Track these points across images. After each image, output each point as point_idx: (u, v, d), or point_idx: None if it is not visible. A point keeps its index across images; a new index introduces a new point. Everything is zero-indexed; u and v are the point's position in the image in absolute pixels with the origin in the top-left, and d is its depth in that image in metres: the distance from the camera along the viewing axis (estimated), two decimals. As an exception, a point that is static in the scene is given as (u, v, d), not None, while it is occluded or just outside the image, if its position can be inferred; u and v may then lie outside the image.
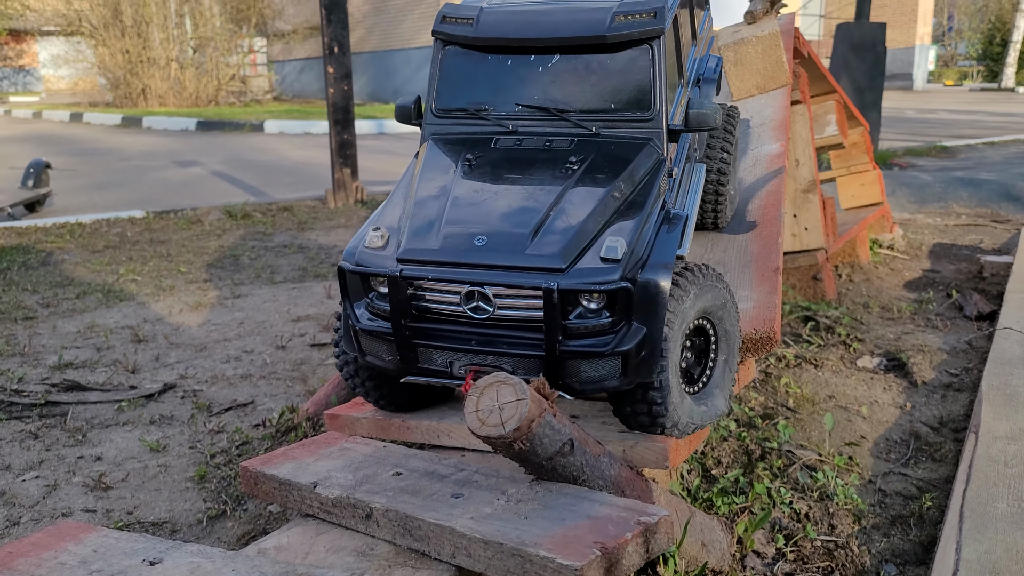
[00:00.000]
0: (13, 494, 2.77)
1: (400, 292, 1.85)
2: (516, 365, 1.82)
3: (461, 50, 2.21)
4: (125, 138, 16.38)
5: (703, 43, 2.81)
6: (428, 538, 1.63)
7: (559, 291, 1.73)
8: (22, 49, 34.81)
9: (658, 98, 2.05)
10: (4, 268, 5.95)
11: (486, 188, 1.97)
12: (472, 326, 1.85)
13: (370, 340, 1.96)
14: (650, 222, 1.90)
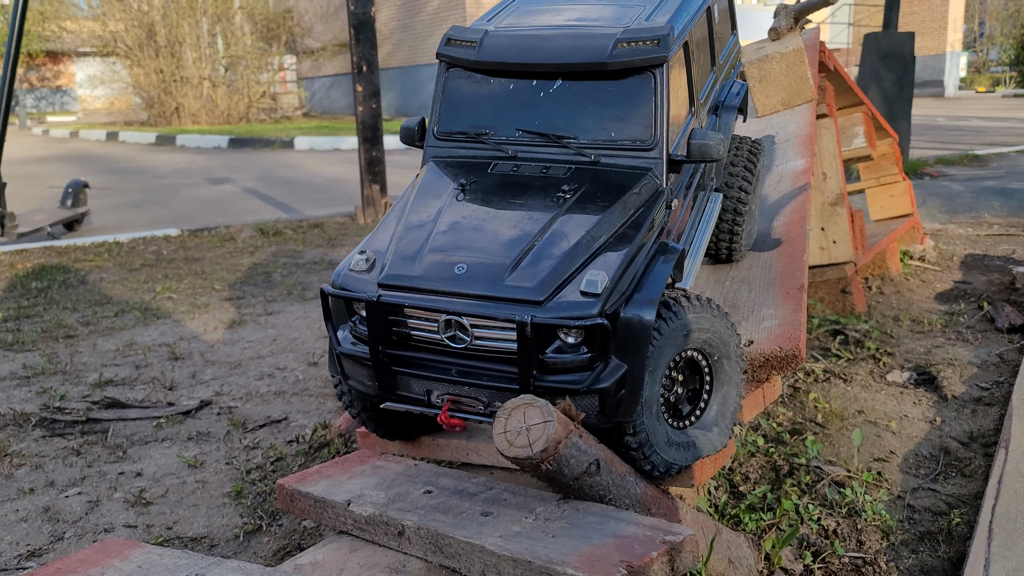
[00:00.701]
0: (57, 510, 2.86)
1: (378, 317, 1.83)
2: (492, 397, 1.80)
3: (464, 73, 2.21)
4: (159, 156, 16.71)
5: (726, 68, 2.77)
6: (459, 555, 1.68)
7: (533, 325, 1.70)
8: (59, 70, 35.66)
9: (659, 128, 2.01)
10: (45, 287, 6.12)
11: (475, 215, 1.96)
12: (450, 355, 1.84)
13: (351, 364, 1.96)
14: (640, 255, 1.87)
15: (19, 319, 5.28)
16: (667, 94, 2.03)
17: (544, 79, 2.11)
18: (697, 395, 2.00)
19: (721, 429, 2.04)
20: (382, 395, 1.93)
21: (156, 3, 23.18)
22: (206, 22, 23.76)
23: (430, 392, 1.87)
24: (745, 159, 2.76)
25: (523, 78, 2.13)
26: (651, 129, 2.02)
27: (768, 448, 3.09)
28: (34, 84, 35.37)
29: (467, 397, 1.83)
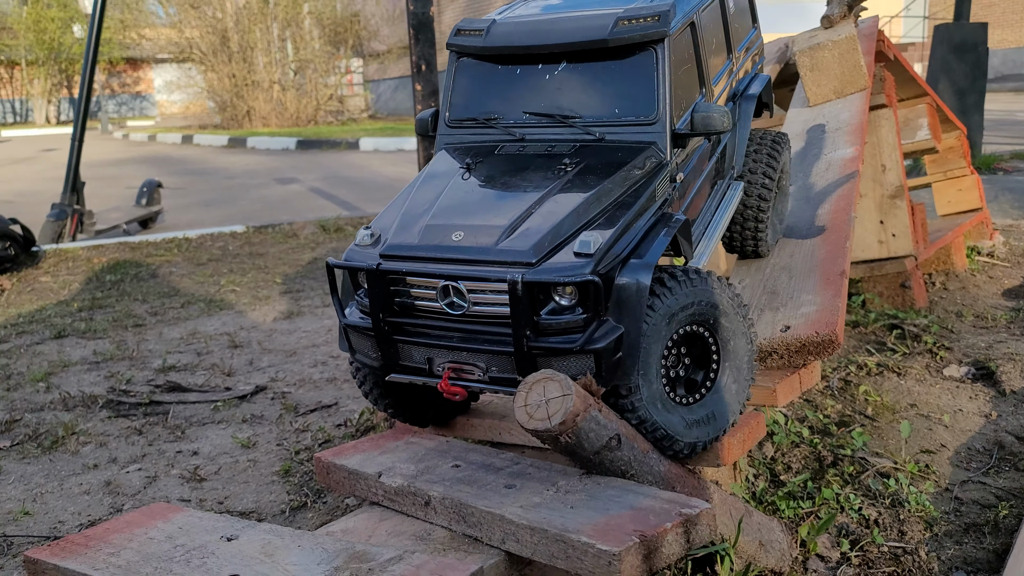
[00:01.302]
0: (118, 484, 3.02)
1: (378, 286, 1.86)
2: (489, 362, 1.81)
3: (474, 62, 2.26)
4: (231, 158, 17.25)
5: (745, 60, 2.73)
6: (480, 524, 1.72)
7: (524, 284, 1.71)
8: (139, 76, 37.11)
9: (661, 102, 2.02)
10: (118, 280, 6.40)
11: (476, 190, 2.00)
12: (449, 323, 1.85)
13: (357, 337, 1.99)
14: (639, 222, 1.87)
15: (92, 309, 5.54)
16: (669, 69, 2.04)
17: (549, 61, 2.15)
18: (705, 372, 1.98)
19: (731, 407, 2.01)
20: (386, 367, 1.95)
21: (229, 10, 23.93)
22: (276, 27, 24.41)
23: (431, 361, 1.89)
24: (768, 151, 2.72)
25: (528, 61, 2.17)
26: (654, 104, 2.04)
27: (813, 439, 3.05)
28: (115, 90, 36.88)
29: (467, 364, 1.84)
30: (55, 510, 2.83)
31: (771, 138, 2.78)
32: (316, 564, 1.56)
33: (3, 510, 2.83)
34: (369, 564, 1.53)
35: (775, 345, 2.41)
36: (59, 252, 7.61)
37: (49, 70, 33.16)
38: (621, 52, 2.08)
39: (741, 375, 2.02)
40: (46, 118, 33.80)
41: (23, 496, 2.93)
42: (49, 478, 3.07)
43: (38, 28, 31.75)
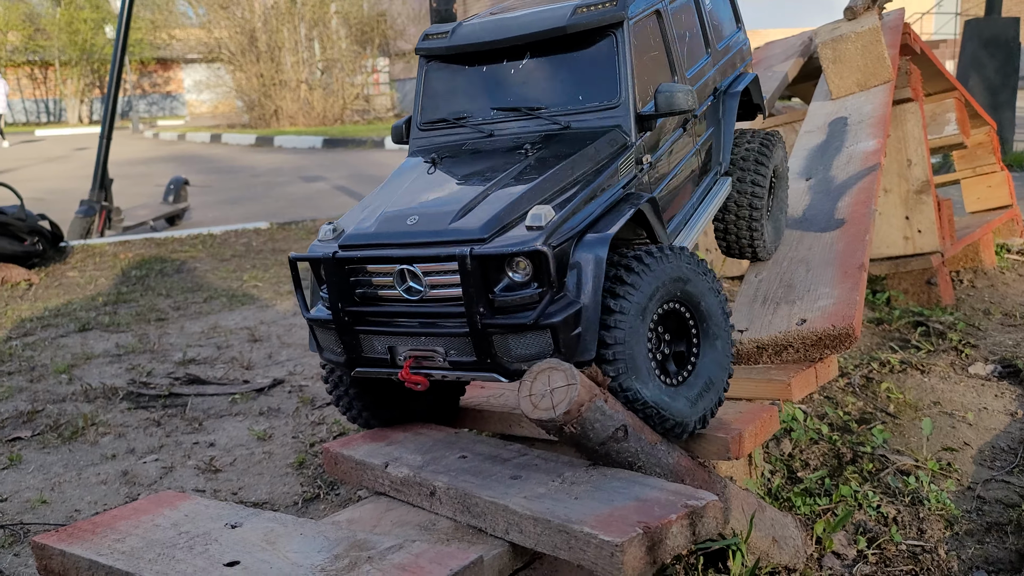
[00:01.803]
0: (135, 474, 3.04)
1: (336, 275, 1.85)
2: (448, 346, 1.78)
3: (441, 64, 2.29)
4: (257, 156, 17.40)
5: (727, 57, 2.70)
6: (484, 515, 1.71)
7: (473, 258, 1.68)
8: (169, 76, 37.59)
9: (623, 85, 2.02)
10: (143, 275, 6.48)
11: (437, 182, 2.00)
12: (408, 308, 1.82)
13: (322, 333, 1.98)
14: (598, 199, 1.85)
15: (117, 304, 5.61)
16: (629, 53, 2.04)
17: (513, 56, 2.16)
18: (687, 341, 1.94)
19: (717, 383, 1.97)
20: (350, 361, 1.92)
21: (258, 10, 24.15)
22: (304, 27, 24.59)
23: (393, 350, 1.85)
24: (757, 151, 2.67)
25: (493, 58, 2.19)
26: (616, 87, 2.04)
27: (832, 436, 3.00)
28: (146, 90, 37.39)
29: (426, 351, 1.81)
30: (72, 499, 2.85)
31: (760, 138, 2.73)
32: (316, 551, 1.55)
33: (21, 498, 2.86)
34: (368, 552, 1.52)
35: (791, 338, 2.37)
36: (86, 248, 7.72)
37: (81, 70, 33.70)
38: (581, 40, 2.09)
39: (721, 329, 1.98)
40: (79, 117, 34.36)
41: (41, 485, 2.97)
42: (68, 468, 3.10)
43: (71, 29, 32.29)
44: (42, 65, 34.64)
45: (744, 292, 2.70)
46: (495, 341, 1.73)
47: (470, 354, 1.77)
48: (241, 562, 1.53)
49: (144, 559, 1.59)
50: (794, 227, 2.96)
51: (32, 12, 33.64)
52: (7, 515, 2.74)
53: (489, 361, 1.75)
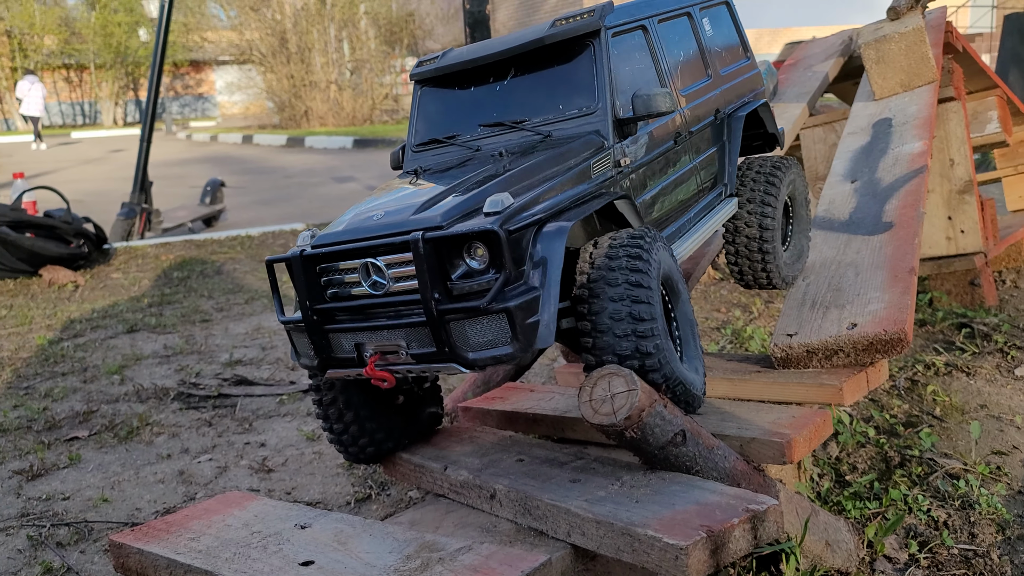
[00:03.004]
0: (190, 473, 3.12)
1: (305, 274, 1.86)
2: (409, 337, 1.77)
3: (434, 89, 2.38)
4: (289, 157, 17.59)
5: (731, 83, 2.72)
6: (545, 517, 1.74)
7: (425, 241, 1.68)
8: (201, 78, 38.07)
9: (601, 91, 2.07)
10: (185, 277, 6.60)
11: (412, 186, 2.05)
12: (374, 303, 1.82)
13: (297, 337, 1.99)
14: (566, 192, 1.88)
15: (162, 305, 5.73)
16: (607, 60, 2.09)
17: (498, 74, 2.24)
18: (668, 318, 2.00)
19: (697, 366, 2.03)
20: (322, 363, 1.91)
21: (288, 12, 24.38)
22: (333, 28, 24.79)
23: (360, 348, 1.85)
24: (765, 178, 2.66)
25: (480, 77, 2.27)
26: (594, 94, 2.09)
27: (879, 439, 3.00)
28: (179, 92, 37.90)
29: (391, 345, 1.80)
30: (132, 498, 2.94)
31: (771, 164, 2.72)
32: (388, 552, 1.60)
33: (83, 497, 2.95)
34: (439, 553, 1.57)
35: (841, 343, 2.38)
36: (129, 250, 7.87)
37: (116, 73, 34.24)
38: (561, 52, 2.15)
39: (685, 293, 2.05)
40: (113, 120, 34.91)
41: (102, 484, 3.05)
42: (125, 467, 3.19)
43: (105, 33, 32.81)
44: (78, 68, 35.24)
45: (792, 296, 2.71)
46: (452, 329, 1.72)
47: (430, 344, 1.76)
48: (316, 562, 1.59)
49: (221, 558, 1.65)
50: (841, 230, 2.97)
51: (68, 16, 34.24)
52: (71, 513, 2.83)
53: (447, 350, 1.72)
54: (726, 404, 2.32)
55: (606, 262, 1.81)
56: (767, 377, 2.44)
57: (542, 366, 4.01)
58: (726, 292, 5.16)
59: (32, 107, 23.18)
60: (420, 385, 2.29)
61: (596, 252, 1.85)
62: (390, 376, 1.82)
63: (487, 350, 1.71)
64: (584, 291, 1.81)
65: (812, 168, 4.67)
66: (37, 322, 5.35)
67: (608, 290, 1.78)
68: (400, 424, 2.25)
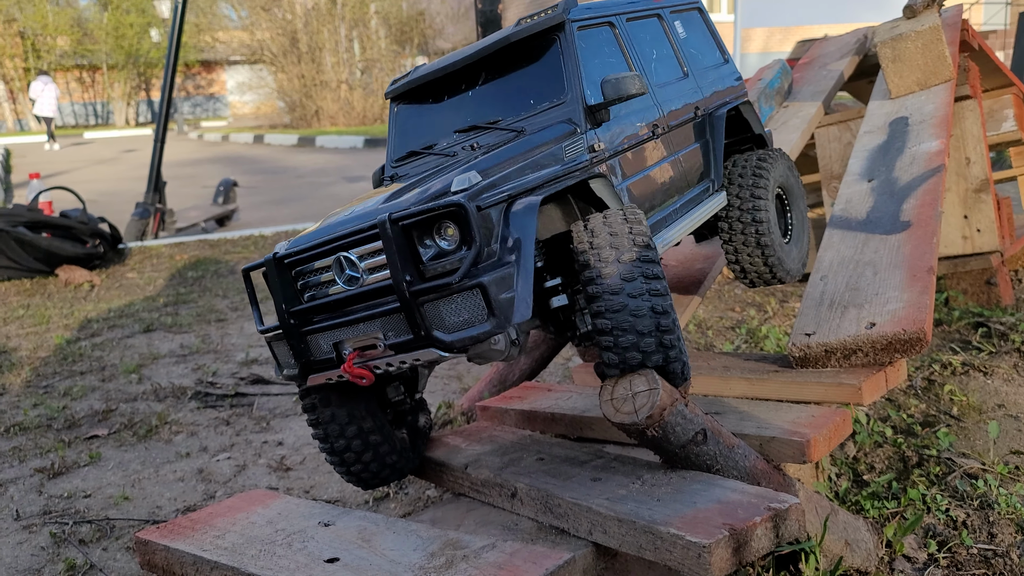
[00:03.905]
0: (209, 471, 3.14)
1: (280, 277, 1.85)
2: (385, 327, 1.74)
3: (409, 104, 2.41)
4: (300, 156, 17.65)
5: (711, 85, 2.74)
6: (567, 515, 1.75)
7: (391, 221, 1.66)
8: (212, 78, 38.22)
9: (569, 80, 2.09)
10: (199, 276, 6.64)
11: (386, 189, 2.06)
12: (350, 300, 1.80)
13: (278, 348, 1.95)
14: (535, 173, 1.87)
15: (177, 304, 5.76)
16: (574, 51, 2.11)
17: (469, 80, 2.27)
18: None
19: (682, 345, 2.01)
20: (303, 368, 1.87)
21: (299, 11, 24.45)
22: (344, 28, 24.85)
23: (339, 347, 1.81)
24: (752, 171, 2.66)
25: (451, 86, 2.30)
26: (563, 84, 2.11)
27: (897, 439, 3.00)
28: (190, 92, 38.06)
29: (368, 339, 1.76)
30: (152, 496, 2.96)
31: (756, 158, 2.72)
32: (412, 550, 1.61)
33: (105, 494, 2.98)
34: (463, 551, 1.58)
35: (860, 342, 2.38)
36: (144, 249, 7.92)
37: (128, 74, 34.41)
38: (529, 50, 2.18)
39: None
40: (126, 120, 35.10)
41: (122, 482, 3.08)
42: (145, 465, 3.22)
43: (117, 34, 32.98)
44: (90, 69, 35.44)
45: (809, 295, 2.71)
46: (427, 311, 1.69)
47: (406, 331, 1.73)
48: (341, 559, 1.60)
49: (247, 555, 1.66)
50: (858, 229, 2.96)
51: (80, 17, 34.44)
52: (92, 511, 2.86)
53: (423, 334, 1.69)
54: (744, 403, 2.33)
55: (615, 254, 1.77)
56: (785, 376, 2.44)
57: (557, 365, 4.02)
58: (740, 292, 5.16)
59: (45, 107, 23.34)
60: (412, 395, 2.23)
61: (596, 240, 1.80)
62: (368, 373, 1.78)
63: (464, 330, 1.67)
64: (596, 287, 1.76)
65: (827, 167, 4.66)
66: (55, 321, 5.39)
67: (626, 285, 1.75)
68: (402, 438, 2.20)
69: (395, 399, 2.10)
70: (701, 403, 2.35)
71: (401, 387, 2.10)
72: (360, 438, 2.09)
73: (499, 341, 1.80)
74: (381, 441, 2.12)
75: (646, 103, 2.35)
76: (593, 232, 1.83)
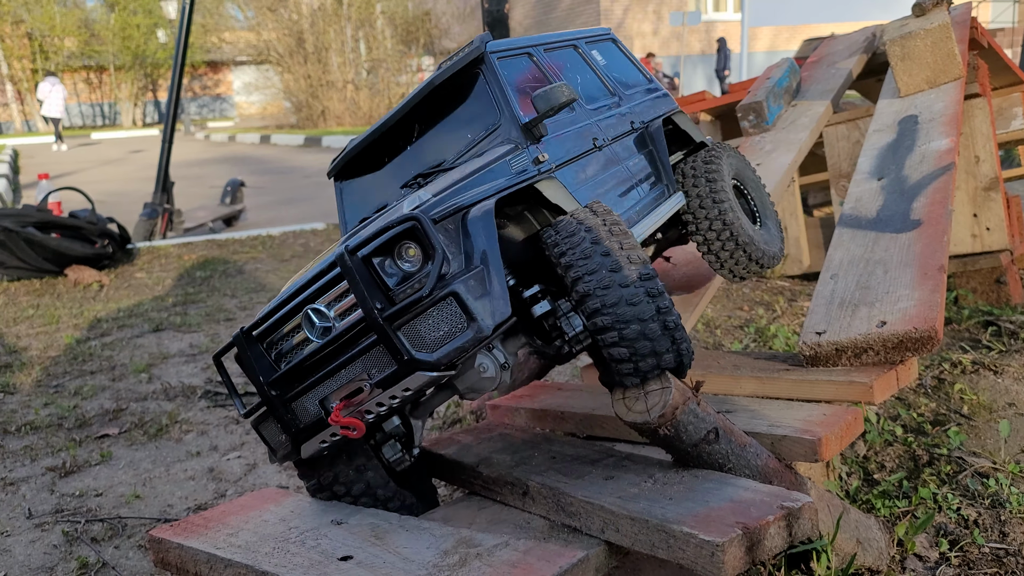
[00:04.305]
0: (220, 470, 3.15)
1: (249, 351, 1.81)
2: (367, 365, 1.69)
3: (352, 179, 2.43)
4: (307, 157, 17.68)
5: (641, 101, 2.77)
6: (579, 514, 1.76)
7: (349, 253, 1.64)
8: (219, 79, 38.32)
9: (500, 104, 2.12)
10: (208, 276, 6.66)
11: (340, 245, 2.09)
12: (327, 351, 1.74)
13: (267, 430, 1.88)
14: (484, 185, 1.86)
15: (186, 304, 5.78)
16: (500, 79, 2.15)
17: (404, 135, 2.29)
18: None
19: None
20: (294, 437, 1.79)
21: (305, 12, 24.50)
22: (350, 28, 24.89)
23: (325, 403, 1.74)
24: (703, 167, 2.67)
25: (388, 145, 2.33)
26: (496, 110, 2.13)
27: (907, 438, 2.99)
28: (197, 93, 38.17)
29: (353, 384, 1.69)
30: (163, 494, 2.98)
31: (701, 159, 2.73)
32: (425, 547, 1.62)
33: (116, 493, 2.99)
34: (476, 549, 1.58)
35: (871, 341, 2.37)
36: (152, 250, 7.95)
37: (135, 75, 34.53)
38: (456, 90, 2.20)
39: None
40: (133, 121, 35.22)
41: (133, 481, 3.09)
42: (156, 464, 3.23)
43: (124, 34, 33.10)
44: (97, 70, 35.57)
45: (820, 294, 2.70)
46: (405, 334, 1.64)
47: (389, 363, 1.67)
48: (354, 557, 1.61)
49: (260, 552, 1.67)
50: (868, 228, 2.96)
51: (87, 18, 34.57)
52: (104, 509, 2.87)
53: (407, 359, 1.62)
54: (755, 402, 2.33)
55: (595, 248, 1.73)
56: (796, 375, 2.44)
57: (566, 364, 4.02)
58: (748, 290, 5.15)
59: (53, 108, 23.43)
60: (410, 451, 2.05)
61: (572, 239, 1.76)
62: (357, 421, 1.69)
63: (447, 344, 1.61)
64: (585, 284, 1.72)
65: (836, 165, 4.65)
66: (64, 321, 5.42)
67: (615, 276, 1.71)
68: (412, 502, 2.12)
69: (393, 458, 2.01)
70: (712, 402, 2.35)
71: (397, 444, 2.02)
72: (368, 496, 2.03)
73: (488, 368, 1.81)
74: (391, 496, 2.07)
75: (582, 119, 2.38)
76: (565, 231, 1.79)
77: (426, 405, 1.99)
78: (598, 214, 1.84)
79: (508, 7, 7.67)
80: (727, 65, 23.10)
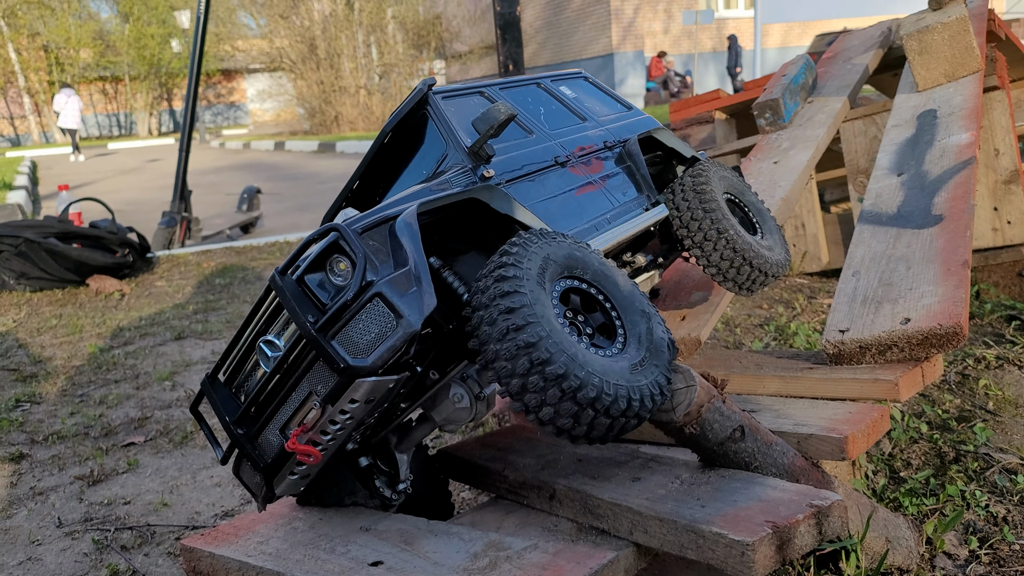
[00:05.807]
0: (245, 476, 3.18)
1: (217, 395, 1.82)
2: (312, 382, 1.68)
3: None
4: (321, 162, 17.77)
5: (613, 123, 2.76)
6: (607, 516, 1.76)
7: (279, 274, 1.66)
8: (232, 87, 38.59)
9: (447, 136, 2.12)
10: (227, 283, 6.71)
11: None
12: (279, 382, 1.72)
13: (245, 474, 1.87)
14: (416, 198, 1.84)
15: (207, 311, 5.83)
16: (443, 113, 2.15)
17: (370, 189, 2.28)
18: (604, 313, 1.82)
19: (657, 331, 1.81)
20: (267, 475, 1.77)
21: (316, 18, 24.64)
22: (361, 33, 25.00)
23: (285, 430, 1.73)
24: (691, 178, 2.62)
25: (358, 199, 2.30)
26: (442, 143, 2.13)
27: (932, 435, 2.97)
28: (211, 101, 38.45)
29: (306, 407, 1.68)
30: (191, 501, 3.00)
31: (689, 177, 2.67)
32: (455, 551, 1.63)
33: (144, 501, 3.02)
34: (506, 552, 1.59)
35: (895, 338, 2.36)
36: (171, 258, 8.02)
37: (150, 84, 34.84)
38: (405, 135, 2.21)
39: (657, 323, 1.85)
40: (148, 130, 35.52)
41: (160, 488, 3.12)
42: (182, 471, 3.26)
43: (139, 45, 33.41)
44: (112, 80, 35.92)
45: (842, 291, 2.69)
46: (339, 343, 1.61)
47: (331, 377, 1.63)
48: (384, 562, 1.62)
49: (291, 559, 1.68)
50: (889, 224, 2.94)
51: (102, 29, 34.91)
52: (133, 517, 2.90)
53: (344, 367, 1.59)
54: (779, 401, 2.32)
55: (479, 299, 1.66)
56: (819, 373, 2.43)
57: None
58: (767, 288, 5.13)
59: (69, 120, 23.67)
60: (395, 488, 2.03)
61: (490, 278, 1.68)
62: (312, 449, 1.67)
63: (380, 345, 1.58)
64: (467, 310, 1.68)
65: (853, 161, 4.63)
66: (87, 330, 5.47)
67: (478, 297, 1.65)
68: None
69: (388, 495, 1.99)
70: (736, 401, 2.34)
71: (385, 480, 2.00)
72: None
73: (463, 397, 1.78)
74: None
75: (543, 141, 2.38)
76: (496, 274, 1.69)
77: (410, 438, 2.00)
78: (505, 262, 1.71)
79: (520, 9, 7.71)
80: (739, 62, 23.03)
